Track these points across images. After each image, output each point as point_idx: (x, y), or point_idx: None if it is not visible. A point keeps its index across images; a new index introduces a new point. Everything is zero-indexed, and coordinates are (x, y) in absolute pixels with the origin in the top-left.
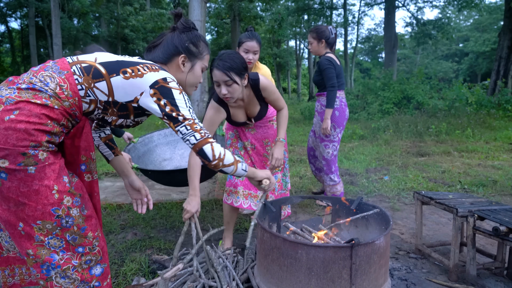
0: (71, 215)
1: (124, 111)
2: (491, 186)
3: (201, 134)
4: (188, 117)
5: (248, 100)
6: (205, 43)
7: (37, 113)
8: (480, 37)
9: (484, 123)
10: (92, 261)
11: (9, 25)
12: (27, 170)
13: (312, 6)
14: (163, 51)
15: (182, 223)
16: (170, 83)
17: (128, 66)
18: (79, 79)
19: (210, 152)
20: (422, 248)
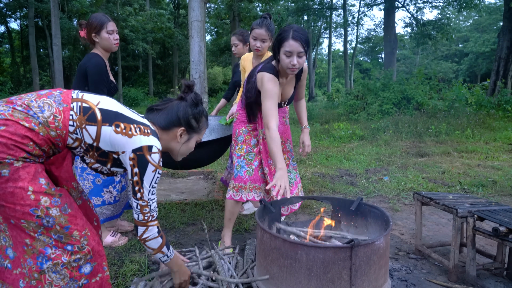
0: (50, 214)
1: (104, 158)
2: (491, 186)
3: (144, 217)
4: (145, 199)
5: (289, 80)
6: (206, 118)
7: (21, 134)
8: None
9: (483, 123)
10: (81, 260)
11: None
12: (1, 174)
13: (312, 7)
14: (165, 118)
15: (182, 223)
16: (152, 155)
17: (123, 121)
18: (74, 116)
19: (141, 232)
20: (422, 249)
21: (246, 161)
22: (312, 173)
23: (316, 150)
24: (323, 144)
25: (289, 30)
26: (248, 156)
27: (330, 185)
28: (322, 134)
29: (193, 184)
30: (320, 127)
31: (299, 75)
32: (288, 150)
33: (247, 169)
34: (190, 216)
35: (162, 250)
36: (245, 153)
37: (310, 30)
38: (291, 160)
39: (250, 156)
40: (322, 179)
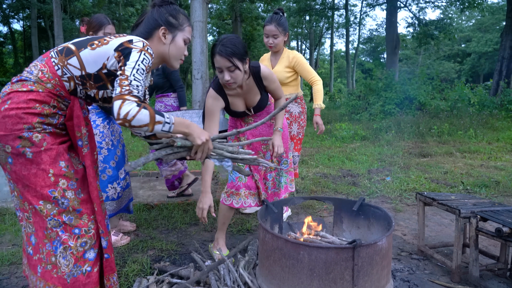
0: (66, 196)
1: (100, 82)
2: (494, 187)
3: (121, 90)
4: (126, 73)
5: (248, 88)
6: (185, 16)
7: (24, 99)
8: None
9: (486, 123)
10: (87, 244)
11: (11, 27)
12: (26, 155)
13: (314, 7)
14: (144, 26)
15: (184, 223)
16: (135, 43)
17: (96, 39)
18: (55, 61)
19: (117, 110)
20: (424, 249)
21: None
22: (314, 173)
23: (318, 150)
24: (325, 144)
25: (217, 44)
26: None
27: (332, 185)
28: (324, 134)
29: (195, 185)
30: None
31: (259, 80)
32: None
33: (239, 175)
34: (192, 216)
35: (157, 120)
36: None
37: (312, 30)
38: (281, 163)
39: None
40: (324, 180)
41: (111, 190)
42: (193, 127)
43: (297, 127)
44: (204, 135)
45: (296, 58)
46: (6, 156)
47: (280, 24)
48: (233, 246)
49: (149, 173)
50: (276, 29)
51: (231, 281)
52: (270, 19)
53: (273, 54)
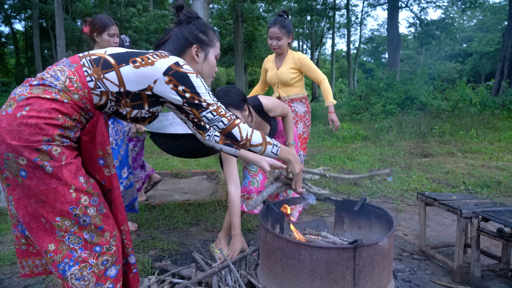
0: (88, 214)
1: (138, 101)
2: (496, 187)
3: (228, 119)
4: (211, 102)
5: (257, 125)
6: (213, 30)
7: (47, 108)
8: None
9: (488, 123)
10: (108, 262)
11: (13, 27)
12: (45, 169)
13: (315, 7)
14: (174, 45)
15: (185, 223)
16: (184, 66)
17: (138, 55)
18: (88, 71)
19: (238, 134)
20: (425, 250)
21: (249, 171)
22: None
23: (319, 150)
24: (326, 144)
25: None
26: (250, 167)
27: (334, 185)
28: (325, 134)
29: (196, 185)
30: (323, 127)
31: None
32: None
33: (251, 179)
34: (194, 216)
35: (267, 141)
36: (247, 164)
37: (313, 31)
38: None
39: (253, 168)
40: (325, 180)
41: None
42: (294, 155)
43: (302, 127)
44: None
45: (302, 59)
46: (18, 168)
47: (283, 26)
48: None
49: None
50: (279, 31)
51: (232, 281)
52: (274, 22)
53: (277, 56)
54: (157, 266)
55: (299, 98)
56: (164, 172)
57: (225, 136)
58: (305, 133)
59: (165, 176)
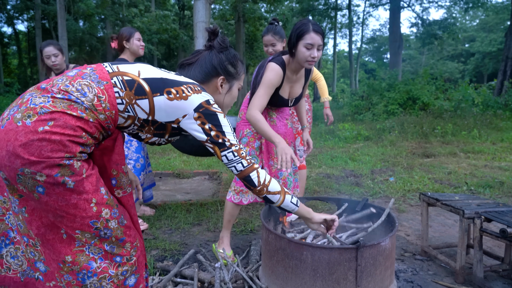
0: (109, 227)
1: (161, 130)
2: (498, 187)
3: (247, 161)
4: (234, 143)
5: (298, 77)
6: (242, 63)
7: (73, 125)
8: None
9: (490, 124)
10: (128, 272)
11: (16, 28)
12: (66, 185)
13: (317, 7)
14: (200, 71)
15: (187, 224)
16: (213, 105)
17: (172, 86)
18: (120, 93)
19: (256, 179)
20: (428, 250)
21: None
22: (317, 173)
23: (321, 150)
24: (328, 144)
25: (308, 23)
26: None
27: (335, 185)
28: (327, 134)
29: (198, 185)
30: (325, 127)
31: (308, 75)
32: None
33: None
34: (195, 216)
35: (286, 190)
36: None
37: None
38: (292, 163)
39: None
40: (327, 180)
41: (141, 177)
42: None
43: None
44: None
45: None
46: (35, 184)
47: (276, 32)
48: (237, 246)
49: (152, 173)
50: (273, 38)
51: (234, 281)
52: (266, 30)
53: None
54: (159, 267)
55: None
56: (166, 172)
57: (242, 179)
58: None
59: (167, 176)
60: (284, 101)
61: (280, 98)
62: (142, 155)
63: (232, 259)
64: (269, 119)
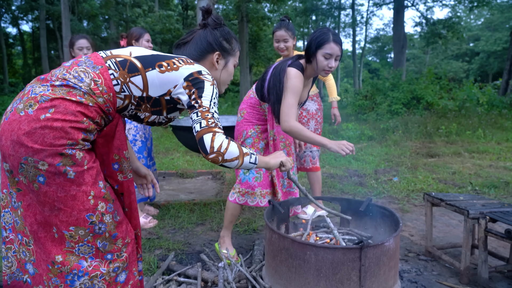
0: (104, 221)
1: (157, 107)
2: (503, 187)
3: (207, 123)
4: (204, 105)
5: (308, 82)
6: (236, 40)
7: (73, 110)
8: (491, 36)
9: (495, 123)
10: (119, 269)
11: (20, 28)
12: (67, 175)
13: (320, 7)
14: (196, 48)
15: (190, 223)
16: (205, 75)
17: (164, 59)
18: (115, 74)
19: (209, 144)
20: (432, 250)
21: None
22: (321, 173)
23: (325, 150)
24: None
25: (328, 33)
26: None
27: (339, 185)
28: (330, 134)
29: (202, 184)
30: (328, 127)
31: (314, 79)
32: (293, 152)
33: (256, 175)
34: (199, 216)
35: (244, 152)
36: None
37: None
38: (295, 162)
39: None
40: (330, 180)
41: None
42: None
43: (314, 124)
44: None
45: None
46: (36, 173)
47: (289, 28)
48: (240, 246)
49: (156, 173)
50: (286, 34)
51: (237, 281)
52: (279, 25)
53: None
54: (160, 266)
55: (310, 96)
56: (169, 172)
57: (198, 143)
58: (318, 130)
59: (171, 176)
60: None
61: None
62: (144, 155)
63: (236, 258)
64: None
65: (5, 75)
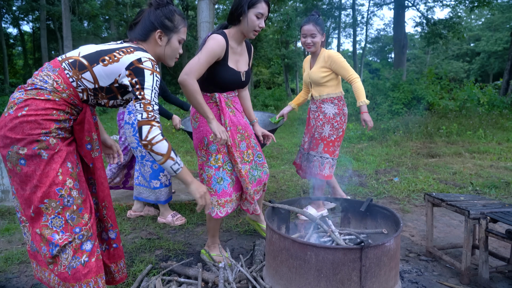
0: (72, 195)
1: (111, 93)
2: (504, 187)
3: (148, 115)
4: (147, 98)
5: (242, 50)
6: (181, 17)
7: (43, 106)
8: (492, 36)
9: (496, 123)
10: (84, 237)
11: (21, 28)
12: (41, 156)
13: (321, 7)
14: (141, 28)
15: (191, 223)
16: (145, 63)
17: (106, 54)
18: (70, 73)
19: (145, 133)
20: (433, 251)
21: (227, 172)
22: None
23: None
24: None
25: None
26: (227, 166)
27: (340, 186)
28: None
29: None
30: None
31: (250, 52)
32: (253, 145)
33: (230, 180)
34: (199, 216)
35: (171, 156)
36: (223, 163)
37: None
38: (255, 156)
39: (229, 166)
40: None
41: (163, 177)
42: (195, 180)
43: (329, 129)
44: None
45: (332, 57)
46: (18, 158)
47: (318, 23)
48: (241, 246)
49: None
50: (314, 28)
51: (237, 281)
52: (307, 20)
53: (313, 56)
54: (162, 266)
55: (330, 98)
56: None
57: (138, 128)
58: (332, 136)
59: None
60: (236, 74)
61: (231, 70)
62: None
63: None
64: (228, 109)
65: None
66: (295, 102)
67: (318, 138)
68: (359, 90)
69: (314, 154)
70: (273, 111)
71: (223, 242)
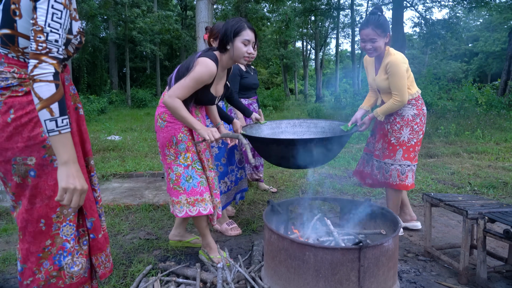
0: None
1: None
2: (502, 188)
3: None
4: (39, 23)
5: (223, 74)
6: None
7: (26, 101)
8: (490, 37)
9: (494, 124)
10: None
11: None
12: (54, 164)
13: (319, 7)
14: None
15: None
16: None
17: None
18: (12, 54)
19: (31, 67)
20: (431, 251)
21: (196, 170)
22: (320, 174)
23: None
24: None
25: (242, 21)
26: (196, 165)
27: (338, 186)
28: None
29: None
30: None
31: (228, 73)
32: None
33: (200, 179)
34: None
35: (51, 107)
36: (192, 162)
37: (317, 31)
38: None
39: (198, 165)
40: (329, 180)
41: (222, 184)
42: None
43: (408, 132)
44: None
45: (390, 67)
46: (27, 169)
47: (378, 25)
48: (239, 247)
49: (155, 174)
50: (374, 32)
51: (236, 282)
52: (366, 22)
53: (377, 58)
54: (161, 267)
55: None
56: None
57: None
58: (412, 140)
59: None
60: (213, 99)
61: (210, 95)
62: (222, 162)
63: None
64: (196, 118)
65: None
66: (367, 104)
67: (395, 143)
68: (388, 106)
69: (391, 162)
70: (272, 111)
71: (222, 243)
